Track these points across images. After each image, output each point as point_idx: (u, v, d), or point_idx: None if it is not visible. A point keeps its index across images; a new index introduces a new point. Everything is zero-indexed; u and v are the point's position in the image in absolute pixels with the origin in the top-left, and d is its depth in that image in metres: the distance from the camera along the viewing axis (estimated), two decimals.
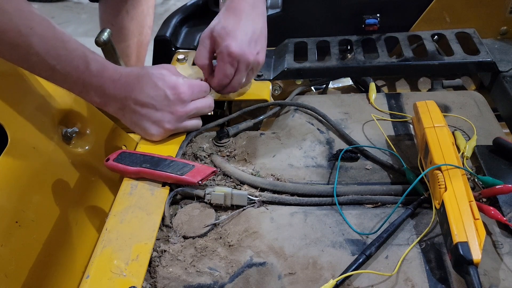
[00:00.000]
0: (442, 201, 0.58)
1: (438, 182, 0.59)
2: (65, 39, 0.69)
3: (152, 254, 0.60)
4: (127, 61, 1.36)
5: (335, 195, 0.67)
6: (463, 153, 0.71)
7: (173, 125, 0.77)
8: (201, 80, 0.84)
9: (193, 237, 0.63)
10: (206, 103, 0.80)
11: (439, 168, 0.61)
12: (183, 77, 0.79)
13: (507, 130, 0.84)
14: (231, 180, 0.71)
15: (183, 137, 0.79)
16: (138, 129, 0.78)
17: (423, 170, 0.68)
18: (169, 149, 0.77)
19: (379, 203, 0.67)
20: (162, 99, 0.75)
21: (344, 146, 0.76)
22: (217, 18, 0.82)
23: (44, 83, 0.78)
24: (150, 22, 1.43)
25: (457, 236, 0.53)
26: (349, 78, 1.08)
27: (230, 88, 0.83)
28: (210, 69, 0.84)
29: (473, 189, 0.64)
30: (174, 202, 0.69)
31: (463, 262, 0.52)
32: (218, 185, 0.70)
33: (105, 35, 0.86)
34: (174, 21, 1.18)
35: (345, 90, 1.10)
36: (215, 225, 0.65)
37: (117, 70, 0.74)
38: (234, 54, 0.78)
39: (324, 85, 1.03)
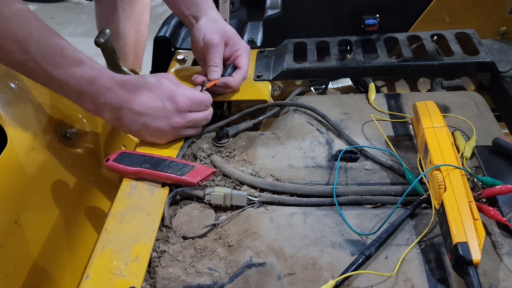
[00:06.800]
0: (442, 202, 0.58)
1: (438, 183, 0.59)
2: (62, 45, 0.68)
3: (151, 255, 0.60)
4: (124, 59, 1.36)
5: (334, 196, 0.67)
6: (462, 153, 0.71)
7: (171, 135, 0.77)
8: (203, 81, 0.84)
9: (193, 238, 0.63)
10: (204, 115, 0.79)
11: (438, 169, 0.61)
12: (182, 87, 0.77)
13: (507, 131, 0.84)
14: (231, 180, 0.71)
15: (183, 139, 0.79)
16: (136, 136, 0.78)
17: (423, 171, 0.68)
18: (169, 150, 0.77)
19: (379, 203, 0.66)
20: (159, 109, 0.73)
21: (344, 146, 0.76)
22: (212, 23, 0.88)
23: None
24: (147, 20, 1.43)
25: (457, 236, 0.53)
26: (348, 79, 1.08)
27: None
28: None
29: (472, 189, 0.64)
30: (173, 202, 0.69)
31: (462, 263, 0.52)
32: (217, 185, 0.70)
33: (104, 36, 0.86)
34: (174, 21, 1.18)
35: (344, 90, 1.10)
36: (214, 225, 0.65)
37: (113, 78, 0.72)
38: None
39: (324, 86, 1.03)
